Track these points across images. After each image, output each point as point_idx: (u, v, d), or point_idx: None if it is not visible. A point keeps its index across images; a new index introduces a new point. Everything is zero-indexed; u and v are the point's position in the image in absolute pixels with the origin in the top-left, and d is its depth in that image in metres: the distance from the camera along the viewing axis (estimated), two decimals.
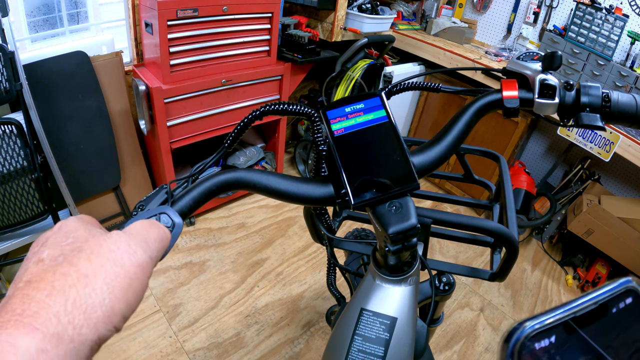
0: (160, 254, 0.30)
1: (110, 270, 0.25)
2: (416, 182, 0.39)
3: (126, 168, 1.89)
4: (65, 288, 0.23)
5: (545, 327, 0.23)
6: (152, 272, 0.28)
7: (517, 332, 0.23)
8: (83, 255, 0.25)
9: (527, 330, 0.23)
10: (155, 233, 0.30)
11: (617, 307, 0.24)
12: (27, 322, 0.21)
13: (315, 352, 1.49)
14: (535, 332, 0.23)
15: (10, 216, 1.40)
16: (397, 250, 0.39)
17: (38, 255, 0.25)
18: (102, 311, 0.23)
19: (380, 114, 0.41)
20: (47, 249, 0.26)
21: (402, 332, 0.46)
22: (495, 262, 0.61)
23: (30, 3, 1.68)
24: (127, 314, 0.25)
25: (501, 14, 2.41)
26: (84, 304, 0.23)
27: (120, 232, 0.28)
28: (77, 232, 0.27)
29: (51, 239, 0.27)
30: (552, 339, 0.23)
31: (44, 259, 0.25)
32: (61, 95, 1.57)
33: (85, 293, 0.23)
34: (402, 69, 2.29)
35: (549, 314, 0.23)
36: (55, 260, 0.25)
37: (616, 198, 1.99)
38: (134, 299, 0.25)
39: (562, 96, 0.46)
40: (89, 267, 0.24)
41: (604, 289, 0.24)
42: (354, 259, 1.06)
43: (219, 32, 1.64)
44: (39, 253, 0.26)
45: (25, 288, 0.23)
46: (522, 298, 1.86)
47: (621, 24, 1.90)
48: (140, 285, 0.26)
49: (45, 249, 0.26)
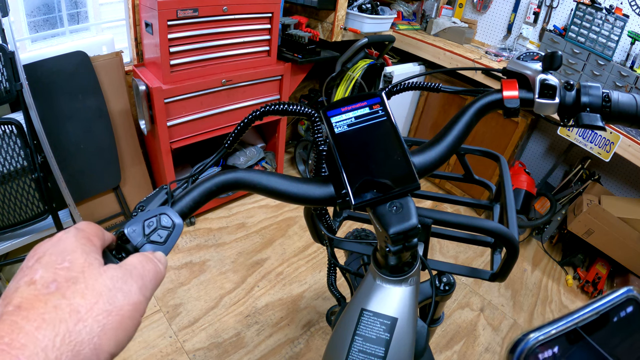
0: (154, 292, 0.30)
1: (103, 309, 0.24)
2: (417, 182, 0.39)
3: (126, 168, 1.89)
4: (55, 322, 0.22)
5: (549, 337, 0.24)
6: (145, 310, 0.28)
7: (522, 343, 0.24)
8: (78, 288, 0.25)
9: (531, 342, 0.24)
10: (152, 271, 0.30)
11: (618, 316, 0.24)
12: (14, 354, 0.21)
13: (316, 352, 1.49)
14: (540, 343, 0.24)
15: (10, 216, 1.40)
16: (398, 250, 0.39)
17: (31, 275, 0.25)
18: (89, 349, 0.23)
19: (380, 114, 0.41)
20: (41, 268, 0.25)
21: (402, 332, 0.46)
22: (496, 262, 0.61)
23: (30, 3, 1.68)
24: (115, 352, 0.25)
25: (501, 14, 2.40)
26: (73, 341, 0.22)
27: (117, 266, 0.28)
28: (74, 254, 0.26)
29: (46, 257, 0.26)
30: (555, 350, 0.24)
31: (36, 281, 0.24)
32: (61, 95, 1.57)
33: (75, 330, 0.23)
34: (402, 69, 2.29)
35: (552, 325, 0.24)
36: (48, 288, 0.24)
37: (616, 198, 1.99)
38: (124, 337, 0.25)
39: (563, 96, 0.46)
40: (82, 304, 0.24)
41: (605, 299, 0.25)
42: (354, 259, 1.06)
43: (219, 32, 1.64)
44: (32, 272, 0.25)
45: (14, 314, 0.22)
46: (522, 298, 1.86)
47: (621, 24, 1.89)
48: (132, 324, 0.26)
49: (39, 268, 0.25)
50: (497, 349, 1.60)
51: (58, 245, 0.27)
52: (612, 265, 1.95)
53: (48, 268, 0.25)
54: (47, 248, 0.27)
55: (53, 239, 0.28)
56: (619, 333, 0.24)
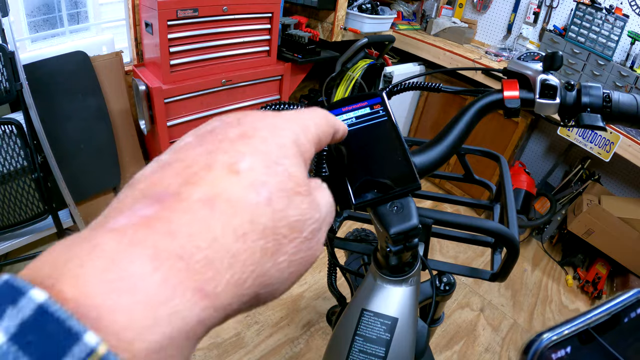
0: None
1: (306, 247, 0.19)
2: (417, 183, 0.39)
3: (126, 168, 1.89)
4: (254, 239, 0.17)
5: (561, 338, 0.24)
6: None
7: (535, 344, 0.24)
8: (291, 212, 0.18)
9: (544, 342, 0.24)
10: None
11: (629, 316, 0.25)
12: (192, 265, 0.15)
13: (316, 352, 1.49)
14: (552, 343, 0.24)
15: (10, 216, 1.40)
16: (399, 250, 0.39)
17: (234, 157, 0.18)
18: (269, 290, 0.18)
19: (381, 114, 0.41)
20: (249, 155, 0.18)
21: (403, 332, 0.46)
22: (496, 262, 0.61)
23: (30, 3, 1.68)
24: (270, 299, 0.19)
25: (501, 14, 2.40)
26: (260, 273, 0.17)
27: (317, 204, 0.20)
28: (293, 159, 0.19)
29: (256, 140, 0.18)
30: (567, 350, 0.24)
31: (240, 172, 0.17)
32: (61, 95, 1.57)
33: (272, 261, 0.17)
34: (402, 69, 2.29)
35: (565, 325, 0.25)
36: (257, 192, 0.17)
37: (616, 198, 1.99)
38: (284, 290, 0.19)
39: (563, 96, 0.46)
40: (294, 225, 0.18)
41: (616, 300, 0.25)
42: (355, 259, 1.06)
43: (219, 32, 1.64)
44: (235, 153, 0.18)
45: (201, 205, 0.16)
46: (522, 298, 1.86)
47: (621, 24, 1.90)
48: (296, 279, 0.20)
49: (246, 153, 0.18)
50: (497, 349, 1.60)
51: (275, 133, 0.19)
52: (612, 265, 1.95)
53: (259, 159, 0.18)
54: (257, 127, 0.19)
55: (265, 117, 0.20)
56: (630, 334, 0.25)
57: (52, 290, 0.13)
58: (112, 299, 0.13)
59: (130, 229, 0.15)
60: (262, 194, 0.17)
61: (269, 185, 0.17)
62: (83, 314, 0.13)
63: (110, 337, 0.13)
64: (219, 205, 0.16)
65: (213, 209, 0.16)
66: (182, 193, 0.16)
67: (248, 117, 0.20)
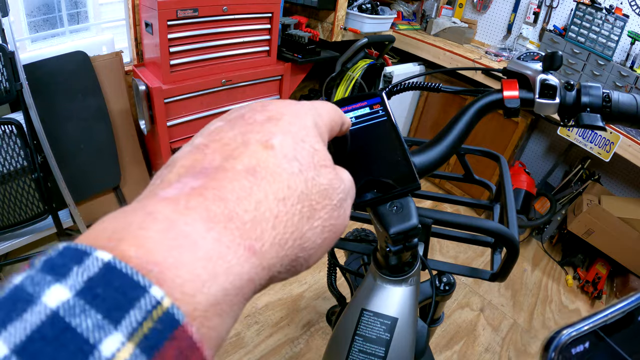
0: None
1: (333, 216, 0.21)
2: (417, 182, 0.39)
3: (126, 168, 1.89)
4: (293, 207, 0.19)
5: (581, 333, 0.25)
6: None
7: (556, 339, 0.25)
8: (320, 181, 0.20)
9: (564, 338, 0.25)
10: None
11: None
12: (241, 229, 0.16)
13: (316, 352, 1.49)
14: (572, 338, 0.25)
15: (10, 216, 1.40)
16: (398, 250, 0.39)
17: (267, 135, 0.20)
18: (304, 257, 0.19)
19: (381, 114, 0.41)
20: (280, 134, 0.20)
21: (402, 332, 0.46)
22: (496, 262, 0.61)
23: (30, 3, 1.68)
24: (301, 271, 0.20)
25: (501, 14, 2.41)
26: (299, 240, 0.19)
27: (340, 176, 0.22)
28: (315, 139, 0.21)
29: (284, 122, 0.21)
30: (586, 345, 0.25)
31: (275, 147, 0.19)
32: (61, 95, 1.57)
33: (308, 226, 0.19)
34: (402, 69, 2.29)
35: (584, 321, 0.25)
36: (290, 163, 0.19)
37: (616, 198, 1.99)
38: (316, 259, 0.21)
39: (563, 96, 0.46)
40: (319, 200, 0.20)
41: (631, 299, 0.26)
42: (354, 259, 1.06)
43: (219, 32, 1.64)
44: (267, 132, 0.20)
45: (245, 176, 0.18)
46: (522, 298, 1.86)
47: (621, 24, 1.89)
48: (326, 250, 0.21)
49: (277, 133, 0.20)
50: (497, 349, 1.60)
51: (298, 117, 0.22)
52: (612, 265, 1.95)
53: (288, 137, 0.20)
54: (282, 112, 0.21)
55: (287, 104, 0.23)
56: None
57: (115, 251, 0.13)
58: (173, 257, 0.14)
59: (183, 197, 0.16)
60: (294, 164, 0.19)
61: (300, 158, 0.20)
62: (148, 271, 0.13)
63: (173, 291, 0.13)
64: (260, 173, 0.18)
65: (255, 177, 0.18)
66: (226, 166, 0.18)
67: (272, 104, 0.22)
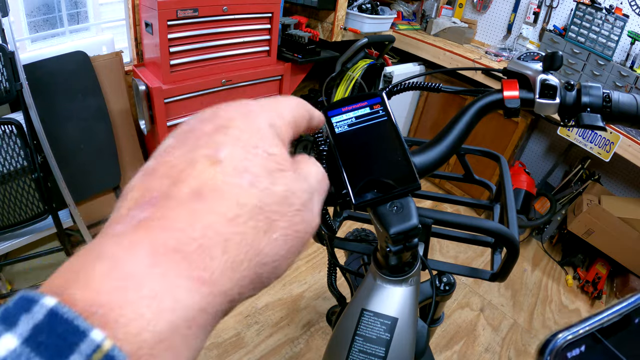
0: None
1: (295, 222, 0.19)
2: (417, 183, 0.39)
3: (126, 168, 1.89)
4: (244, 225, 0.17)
5: (577, 337, 0.25)
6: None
7: (552, 343, 0.25)
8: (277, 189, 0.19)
9: (560, 341, 0.24)
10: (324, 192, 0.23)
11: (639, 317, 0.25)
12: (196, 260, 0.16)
13: (316, 352, 1.49)
14: (568, 342, 0.24)
15: (10, 216, 1.40)
16: (398, 250, 0.39)
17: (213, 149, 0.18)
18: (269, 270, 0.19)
19: (381, 114, 0.41)
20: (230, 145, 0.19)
21: (403, 332, 0.46)
22: (496, 262, 0.61)
23: (30, 3, 1.68)
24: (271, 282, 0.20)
25: (501, 14, 2.40)
26: (257, 259, 0.18)
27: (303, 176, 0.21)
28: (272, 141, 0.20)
29: (234, 130, 0.19)
30: (582, 349, 0.25)
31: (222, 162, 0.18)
32: (61, 95, 1.57)
33: (265, 240, 0.18)
34: (402, 69, 2.29)
35: (580, 324, 0.25)
36: (240, 177, 0.18)
37: (616, 198, 1.99)
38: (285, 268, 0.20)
39: (563, 96, 0.46)
40: (278, 210, 0.19)
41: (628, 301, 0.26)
42: (354, 259, 1.06)
43: (219, 32, 1.64)
44: (214, 145, 0.18)
45: (191, 200, 0.17)
46: (522, 298, 1.86)
47: (621, 24, 1.89)
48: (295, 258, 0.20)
49: (225, 143, 0.19)
50: (497, 349, 1.60)
51: (250, 120, 0.20)
52: (612, 265, 1.95)
53: (237, 146, 0.19)
54: (233, 116, 0.20)
55: (239, 106, 0.21)
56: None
57: (62, 296, 0.14)
58: (118, 297, 0.14)
59: (129, 232, 0.16)
60: (244, 177, 0.18)
61: (251, 168, 0.18)
62: (91, 313, 0.13)
63: (117, 332, 0.13)
64: (206, 195, 0.17)
65: (201, 200, 0.17)
66: (172, 192, 0.17)
67: (223, 109, 0.21)
